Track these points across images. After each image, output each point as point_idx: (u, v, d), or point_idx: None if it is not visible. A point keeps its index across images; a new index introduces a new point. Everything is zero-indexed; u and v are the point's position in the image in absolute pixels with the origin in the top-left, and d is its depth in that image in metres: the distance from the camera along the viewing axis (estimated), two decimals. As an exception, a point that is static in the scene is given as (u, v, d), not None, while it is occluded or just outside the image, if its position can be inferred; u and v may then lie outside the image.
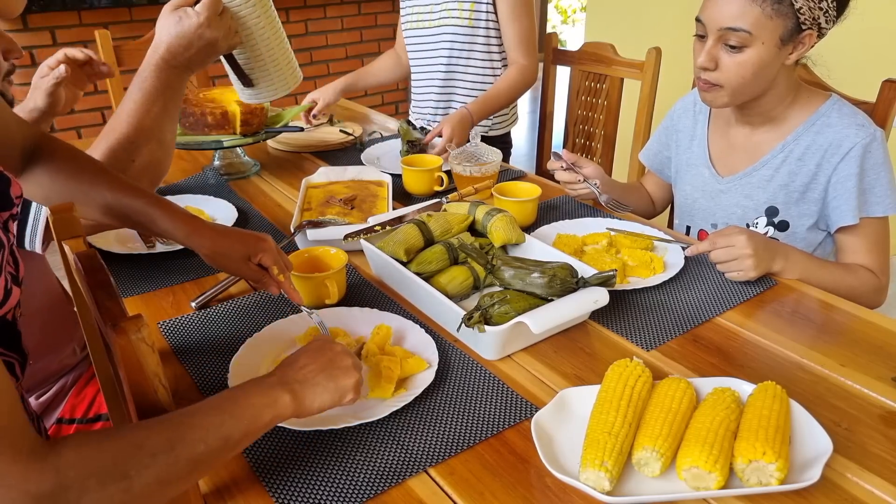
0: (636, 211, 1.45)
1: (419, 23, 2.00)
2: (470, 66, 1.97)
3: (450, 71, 1.99)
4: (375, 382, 0.89)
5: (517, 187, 1.39)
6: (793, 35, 1.15)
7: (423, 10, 1.98)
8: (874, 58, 2.46)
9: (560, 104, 2.20)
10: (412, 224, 1.18)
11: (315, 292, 1.07)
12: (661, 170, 1.54)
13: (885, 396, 0.88)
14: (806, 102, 1.26)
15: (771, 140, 1.29)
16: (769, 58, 1.16)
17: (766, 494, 0.73)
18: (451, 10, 1.91)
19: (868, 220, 1.21)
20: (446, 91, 2.03)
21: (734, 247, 1.10)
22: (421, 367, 0.91)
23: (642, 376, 0.82)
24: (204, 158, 1.77)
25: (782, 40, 1.15)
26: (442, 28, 1.95)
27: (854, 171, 1.19)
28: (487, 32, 1.92)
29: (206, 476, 0.76)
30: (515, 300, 0.98)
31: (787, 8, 1.12)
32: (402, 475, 0.76)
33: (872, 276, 1.20)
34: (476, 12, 1.89)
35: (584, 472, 0.72)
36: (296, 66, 1.21)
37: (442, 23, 1.95)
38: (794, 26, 1.14)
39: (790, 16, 1.13)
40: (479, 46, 1.94)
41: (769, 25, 1.13)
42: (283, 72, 1.18)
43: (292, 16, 3.85)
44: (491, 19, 1.91)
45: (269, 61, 1.15)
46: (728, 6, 1.14)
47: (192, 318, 1.07)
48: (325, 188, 1.48)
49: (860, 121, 1.21)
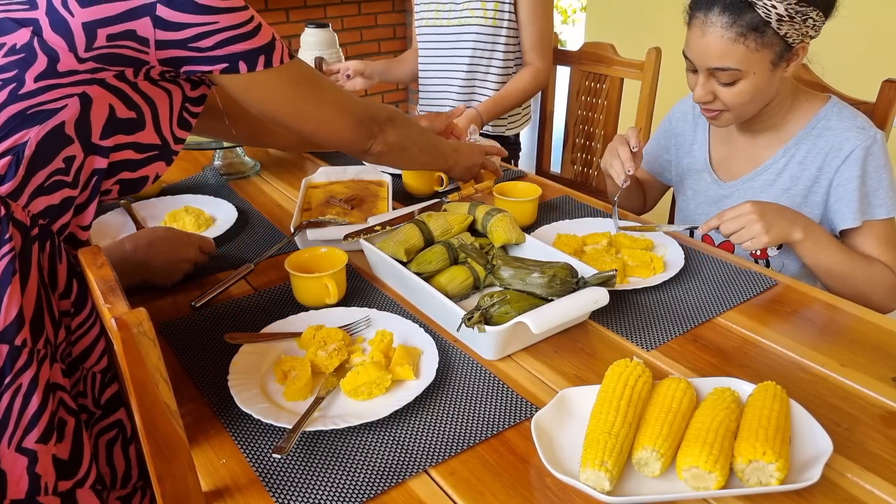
0: (629, 207, 1.45)
1: (436, 20, 1.98)
2: (492, 67, 1.95)
3: (472, 71, 1.97)
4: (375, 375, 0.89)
5: (517, 187, 1.39)
6: (784, 54, 1.14)
7: (441, 7, 1.96)
8: (874, 58, 2.45)
9: (560, 104, 2.20)
10: (412, 224, 1.18)
11: (315, 292, 1.07)
12: (660, 173, 1.54)
13: (885, 396, 0.88)
14: (805, 105, 1.26)
15: (772, 145, 1.29)
16: (764, 82, 1.16)
17: (766, 494, 0.73)
18: (473, 10, 1.90)
19: (873, 221, 1.21)
20: (467, 91, 2.00)
21: (741, 215, 1.10)
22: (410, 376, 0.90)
23: (642, 376, 0.82)
24: (204, 158, 1.77)
25: (774, 64, 1.15)
26: (464, 27, 1.93)
27: (856, 174, 1.19)
28: (509, 33, 1.92)
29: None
30: (515, 300, 0.98)
31: (772, 37, 1.11)
32: (402, 475, 0.76)
33: (889, 271, 1.19)
34: (500, 12, 1.88)
35: (584, 472, 0.72)
36: None
37: (463, 22, 1.93)
38: (783, 48, 1.13)
39: (777, 42, 1.12)
40: (500, 47, 1.93)
41: (756, 58, 1.13)
42: None
43: (292, 16, 3.85)
44: (512, 19, 1.90)
45: None
46: (712, 47, 1.14)
47: (192, 318, 1.07)
48: (325, 188, 1.48)
49: (860, 123, 1.21)
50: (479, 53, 1.94)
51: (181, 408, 0.86)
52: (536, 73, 1.93)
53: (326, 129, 1.05)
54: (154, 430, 0.65)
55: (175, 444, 0.66)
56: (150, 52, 0.83)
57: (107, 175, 0.87)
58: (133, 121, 0.87)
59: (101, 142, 0.84)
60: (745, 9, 1.10)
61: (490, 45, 1.93)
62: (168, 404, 0.64)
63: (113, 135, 0.85)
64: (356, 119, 1.07)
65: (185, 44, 0.83)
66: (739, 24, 1.11)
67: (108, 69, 0.82)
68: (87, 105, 0.81)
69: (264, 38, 0.90)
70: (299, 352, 0.97)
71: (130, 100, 0.86)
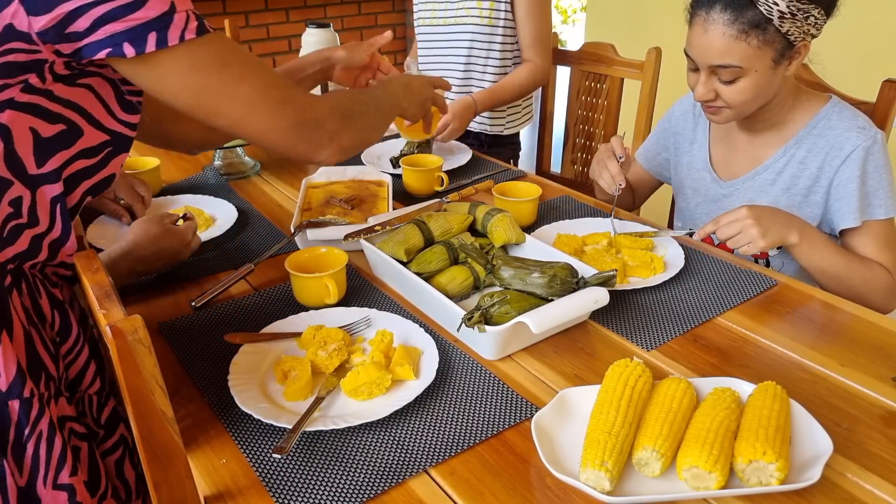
0: (619, 205, 1.46)
1: (433, 19, 1.99)
2: (489, 66, 1.96)
3: (468, 70, 1.98)
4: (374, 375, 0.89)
5: (517, 187, 1.39)
6: (785, 52, 1.14)
7: (437, 7, 1.97)
8: (874, 58, 2.45)
9: (560, 104, 2.20)
10: (412, 224, 1.18)
11: (315, 292, 1.07)
12: (658, 172, 1.54)
13: (885, 396, 0.88)
14: (806, 105, 1.26)
15: (772, 144, 1.29)
16: (765, 80, 1.16)
17: (767, 494, 0.73)
18: (469, 10, 1.91)
19: (873, 221, 1.21)
20: (464, 90, 2.00)
21: (737, 220, 1.10)
22: (410, 376, 0.91)
23: (642, 376, 0.82)
24: (204, 158, 1.77)
25: (775, 61, 1.15)
26: (460, 27, 1.94)
27: (856, 174, 1.19)
28: (505, 32, 1.92)
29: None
30: (515, 300, 0.98)
31: (774, 35, 1.11)
32: (402, 475, 0.76)
33: (886, 272, 1.19)
34: (496, 11, 1.89)
35: (584, 472, 0.72)
36: None
37: (459, 21, 1.94)
38: (785, 46, 1.13)
39: (779, 40, 1.12)
40: (496, 46, 1.94)
41: (758, 55, 1.13)
42: None
43: (292, 16, 3.85)
44: (508, 18, 1.91)
45: None
46: (714, 44, 1.14)
47: (192, 318, 1.07)
48: (325, 188, 1.48)
49: (861, 123, 1.21)
50: (476, 52, 1.95)
51: (181, 408, 0.87)
52: (534, 69, 1.93)
53: (246, 129, 0.81)
54: (150, 438, 0.65)
55: (172, 452, 0.66)
56: (41, 47, 0.69)
57: (67, 193, 0.79)
58: (66, 133, 0.76)
59: (42, 170, 0.75)
60: (747, 6, 1.10)
61: (486, 44, 1.93)
62: (164, 412, 0.64)
63: (51, 157, 0.75)
64: (289, 123, 0.83)
65: (62, 30, 0.68)
66: (741, 22, 1.11)
67: (9, 83, 0.70)
68: (8, 137, 0.72)
69: (155, 9, 0.69)
70: (299, 352, 0.97)
71: (51, 113, 0.74)
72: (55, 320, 0.82)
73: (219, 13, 3.59)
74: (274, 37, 3.83)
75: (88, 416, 0.85)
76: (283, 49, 3.87)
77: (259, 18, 3.74)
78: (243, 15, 3.69)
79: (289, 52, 3.87)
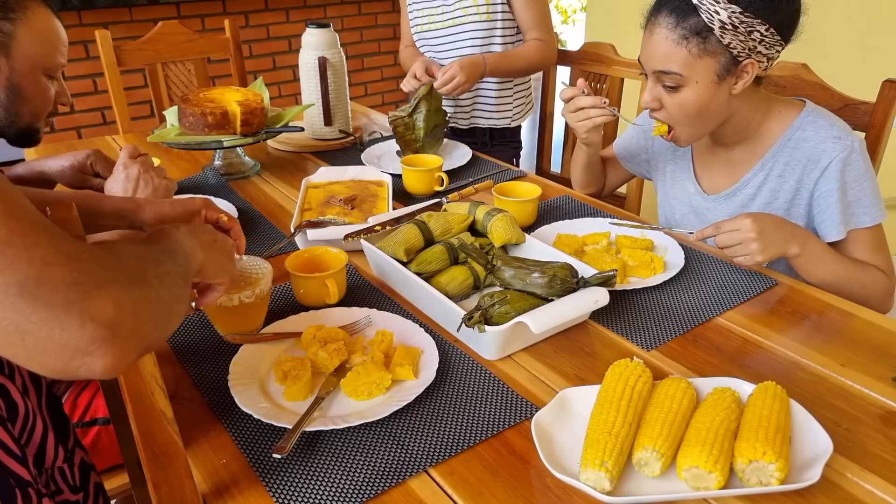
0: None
1: (430, 24, 1.99)
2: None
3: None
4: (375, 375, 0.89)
5: (517, 187, 1.39)
6: (730, 68, 1.12)
7: (434, 11, 1.97)
8: (874, 58, 2.46)
9: (560, 104, 2.20)
10: (412, 224, 1.18)
11: (315, 292, 1.07)
12: (636, 170, 1.54)
13: (885, 396, 0.88)
14: (779, 116, 1.23)
15: (748, 159, 1.27)
16: (708, 95, 1.14)
17: (767, 494, 0.73)
18: (466, 8, 1.92)
19: (860, 230, 1.19)
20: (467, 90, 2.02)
21: (739, 230, 1.08)
22: (410, 376, 0.91)
23: (642, 376, 0.82)
24: (204, 158, 1.77)
25: (719, 76, 1.13)
26: (459, 27, 1.95)
27: (835, 187, 1.17)
28: (504, 24, 1.94)
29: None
30: (515, 300, 0.98)
31: (716, 45, 1.10)
32: (402, 475, 0.76)
33: (883, 275, 1.19)
34: (493, 4, 1.90)
35: (584, 472, 0.72)
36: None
37: (458, 21, 1.94)
38: (729, 60, 1.11)
39: (721, 52, 1.10)
40: (497, 40, 1.95)
41: (699, 65, 1.12)
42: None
43: (292, 16, 3.85)
44: (506, 10, 1.92)
45: None
46: (656, 49, 1.14)
47: (192, 318, 1.07)
48: (325, 188, 1.48)
49: (836, 132, 1.17)
50: (477, 49, 1.95)
51: (181, 408, 0.87)
52: (541, 45, 1.94)
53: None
54: (150, 438, 0.65)
55: (171, 452, 0.66)
56: None
57: None
58: None
59: None
60: (691, 12, 1.09)
61: (487, 38, 1.94)
62: (164, 412, 0.64)
63: None
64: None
65: None
66: (683, 27, 1.10)
67: None
68: None
69: None
70: (299, 352, 0.97)
71: None
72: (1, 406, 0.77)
73: (219, 13, 3.59)
74: (274, 37, 3.83)
75: (65, 489, 0.83)
76: (283, 49, 3.87)
77: (259, 18, 3.74)
78: (243, 15, 3.69)
79: (289, 52, 3.87)
